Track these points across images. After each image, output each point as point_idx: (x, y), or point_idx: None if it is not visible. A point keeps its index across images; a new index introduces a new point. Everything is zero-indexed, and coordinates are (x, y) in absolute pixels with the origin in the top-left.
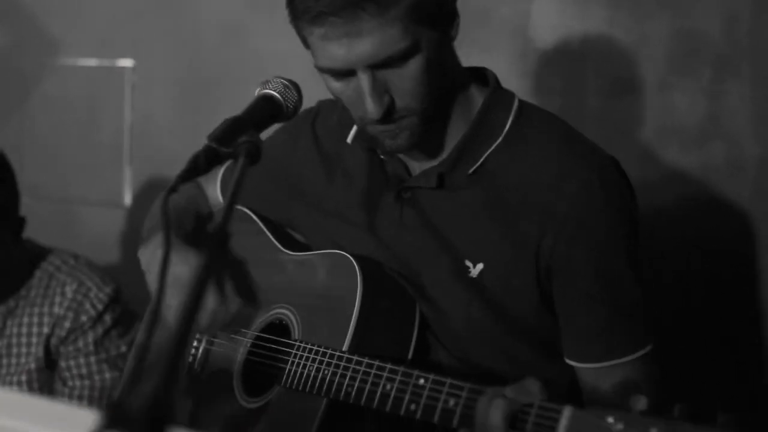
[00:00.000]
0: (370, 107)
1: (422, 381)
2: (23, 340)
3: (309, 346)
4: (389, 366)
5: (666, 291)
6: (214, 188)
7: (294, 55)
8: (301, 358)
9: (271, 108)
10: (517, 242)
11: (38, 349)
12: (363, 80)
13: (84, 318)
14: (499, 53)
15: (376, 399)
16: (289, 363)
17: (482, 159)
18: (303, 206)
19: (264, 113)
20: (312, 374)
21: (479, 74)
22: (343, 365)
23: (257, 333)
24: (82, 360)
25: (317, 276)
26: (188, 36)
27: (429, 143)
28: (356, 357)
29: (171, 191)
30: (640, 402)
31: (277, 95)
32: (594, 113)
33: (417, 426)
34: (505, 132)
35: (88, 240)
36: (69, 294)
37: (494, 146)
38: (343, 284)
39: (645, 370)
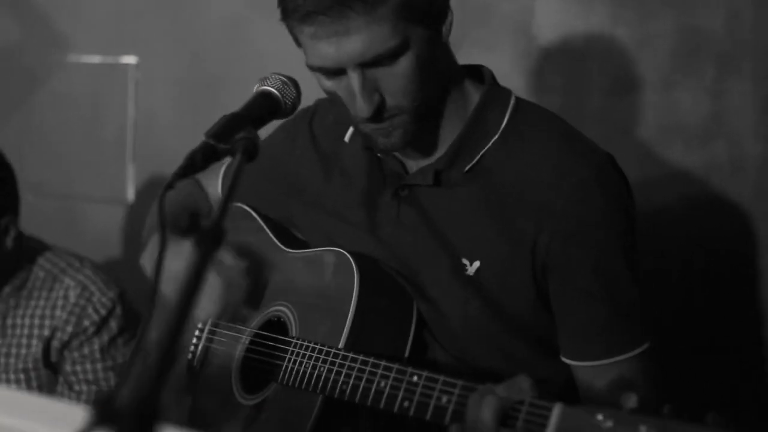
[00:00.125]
0: (360, 106)
1: (416, 378)
2: (23, 341)
3: (305, 344)
4: (384, 363)
5: (667, 290)
6: (215, 185)
7: (297, 54)
8: (298, 356)
9: (269, 105)
10: (514, 240)
11: (37, 350)
12: (353, 79)
13: (87, 323)
14: (502, 51)
15: (371, 396)
16: (286, 360)
17: (479, 156)
18: (301, 205)
19: (262, 110)
20: (308, 371)
21: (475, 71)
22: (339, 362)
23: (255, 330)
24: (89, 366)
25: (315, 274)
26: (191, 33)
27: (424, 141)
28: (351, 354)
29: (167, 188)
30: (631, 400)
31: (276, 92)
32: (597, 111)
33: (412, 422)
34: (502, 129)
35: (92, 237)
36: (72, 298)
37: (491, 143)
38: (341, 282)
39: (642, 369)
